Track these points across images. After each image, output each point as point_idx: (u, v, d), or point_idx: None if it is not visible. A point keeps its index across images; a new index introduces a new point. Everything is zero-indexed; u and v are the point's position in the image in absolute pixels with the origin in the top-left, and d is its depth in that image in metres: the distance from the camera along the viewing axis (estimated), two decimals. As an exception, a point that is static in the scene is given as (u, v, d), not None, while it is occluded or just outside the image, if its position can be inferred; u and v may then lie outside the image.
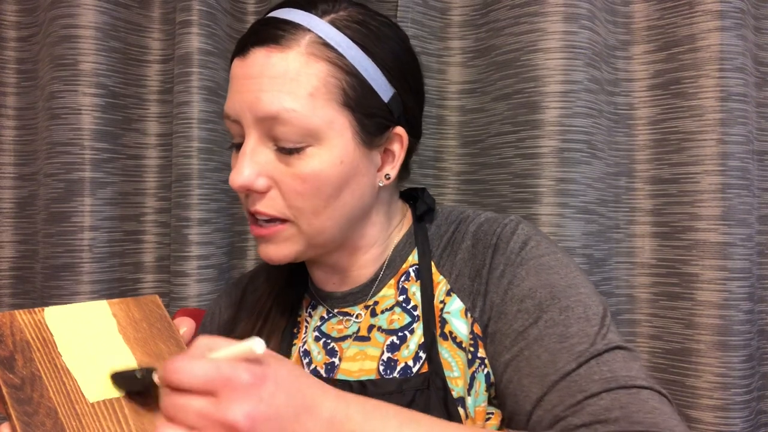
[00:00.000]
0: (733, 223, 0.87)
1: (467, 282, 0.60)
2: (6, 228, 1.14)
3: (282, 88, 0.54)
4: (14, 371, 0.45)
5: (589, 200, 0.90)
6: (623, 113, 0.96)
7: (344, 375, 0.60)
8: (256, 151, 0.56)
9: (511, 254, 0.58)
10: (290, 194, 0.56)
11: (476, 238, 0.61)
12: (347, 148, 0.56)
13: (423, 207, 0.66)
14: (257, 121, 0.55)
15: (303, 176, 0.55)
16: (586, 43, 0.89)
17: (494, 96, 0.95)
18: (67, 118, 1.01)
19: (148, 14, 1.10)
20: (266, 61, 0.55)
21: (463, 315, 0.59)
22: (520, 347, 0.53)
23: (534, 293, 0.55)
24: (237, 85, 0.57)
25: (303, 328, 0.66)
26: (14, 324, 0.48)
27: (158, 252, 1.10)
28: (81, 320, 0.50)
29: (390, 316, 0.62)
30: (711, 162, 0.88)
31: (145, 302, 0.54)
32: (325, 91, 0.55)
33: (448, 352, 0.58)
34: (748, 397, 0.87)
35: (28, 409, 0.43)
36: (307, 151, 0.55)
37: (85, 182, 1.01)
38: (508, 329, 0.55)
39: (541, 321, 0.53)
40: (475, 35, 1.00)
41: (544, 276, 0.56)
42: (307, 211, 0.56)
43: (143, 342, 0.51)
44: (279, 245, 0.58)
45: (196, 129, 0.98)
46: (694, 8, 0.90)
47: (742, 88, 0.88)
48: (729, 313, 0.86)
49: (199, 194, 0.98)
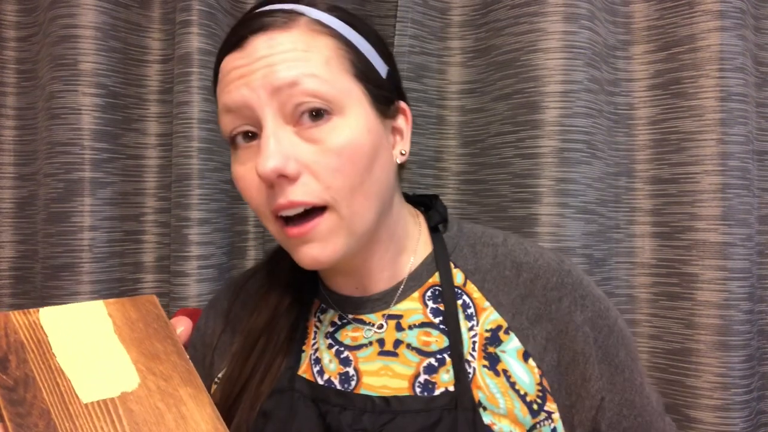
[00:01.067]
0: (733, 223, 0.87)
1: (525, 323, 0.58)
2: (6, 228, 1.14)
3: (297, 58, 0.51)
4: (7, 372, 0.45)
5: (589, 200, 0.90)
6: (623, 113, 0.96)
7: (367, 390, 0.57)
8: (278, 134, 0.51)
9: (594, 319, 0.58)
10: (326, 173, 0.51)
11: (534, 274, 0.59)
12: (369, 117, 0.54)
13: (437, 217, 0.64)
14: (273, 95, 0.50)
15: (337, 149, 0.51)
16: (586, 43, 0.89)
17: (494, 96, 0.95)
18: (67, 118, 1.01)
19: (148, 14, 1.10)
20: (271, 41, 0.51)
21: (521, 358, 0.57)
22: (633, 416, 0.58)
23: (627, 362, 0.59)
24: (238, 73, 0.52)
25: (312, 333, 0.63)
26: (9, 325, 0.48)
27: (158, 252, 1.10)
28: (76, 321, 0.50)
29: (423, 336, 0.58)
30: (711, 162, 0.88)
31: (142, 302, 0.54)
32: (338, 61, 0.53)
33: (498, 389, 0.55)
34: (748, 397, 0.87)
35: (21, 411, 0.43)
36: (333, 123, 0.51)
37: (85, 182, 1.01)
38: (620, 399, 0.58)
39: (637, 388, 0.59)
40: (475, 35, 1.00)
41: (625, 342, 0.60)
42: (345, 190, 0.52)
43: (139, 342, 0.50)
44: (323, 242, 0.53)
45: (196, 129, 0.98)
46: (694, 8, 0.90)
47: (742, 88, 0.88)
48: (729, 313, 0.86)
49: (199, 194, 0.98)
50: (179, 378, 0.49)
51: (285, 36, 0.52)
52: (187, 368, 0.51)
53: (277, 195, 0.52)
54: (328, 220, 0.53)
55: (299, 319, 0.63)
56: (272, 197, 0.52)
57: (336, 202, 0.52)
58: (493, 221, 0.95)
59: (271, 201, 0.52)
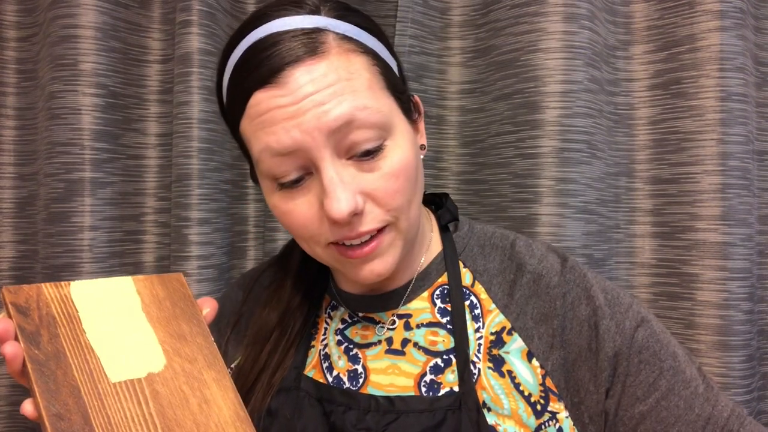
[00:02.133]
0: (733, 223, 0.87)
1: (529, 323, 0.57)
2: (6, 228, 1.14)
3: (343, 92, 0.49)
4: (39, 347, 0.45)
5: (589, 200, 0.90)
6: (623, 113, 0.96)
7: (374, 388, 0.57)
8: (340, 173, 0.50)
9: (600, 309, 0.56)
10: (387, 197, 0.52)
11: (538, 275, 0.59)
12: (407, 128, 0.55)
13: (447, 216, 0.64)
14: (329, 136, 0.49)
15: (395, 173, 0.52)
16: (586, 43, 0.89)
17: (494, 96, 0.95)
18: (67, 118, 1.01)
19: (148, 14, 1.10)
20: (311, 76, 0.49)
21: (525, 358, 0.56)
22: (656, 398, 0.54)
23: (646, 343, 0.55)
24: (283, 114, 0.49)
25: (322, 329, 0.63)
26: (41, 298, 0.48)
27: (158, 252, 1.10)
28: (106, 297, 0.50)
29: (430, 336, 0.58)
30: (711, 162, 0.88)
31: (170, 280, 0.54)
32: (375, 80, 0.52)
33: (502, 390, 0.55)
34: (748, 397, 0.87)
35: (51, 386, 0.43)
36: (386, 147, 0.52)
37: (85, 182, 1.01)
38: (634, 381, 0.55)
39: (665, 371, 0.55)
40: (475, 35, 1.00)
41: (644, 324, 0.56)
42: (405, 206, 0.53)
43: (166, 321, 0.50)
44: (384, 257, 0.54)
45: (196, 129, 0.98)
46: (694, 8, 0.90)
47: (742, 88, 0.88)
48: (729, 313, 0.86)
49: (199, 194, 0.98)
50: (204, 361, 0.49)
51: (323, 66, 0.50)
52: (212, 351, 0.50)
53: (342, 228, 0.52)
54: (389, 236, 0.54)
55: (310, 315, 0.64)
56: (336, 230, 0.52)
57: (396, 219, 0.54)
58: (493, 221, 0.95)
59: (335, 233, 0.52)
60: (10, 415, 1.12)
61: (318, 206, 0.52)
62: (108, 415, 0.43)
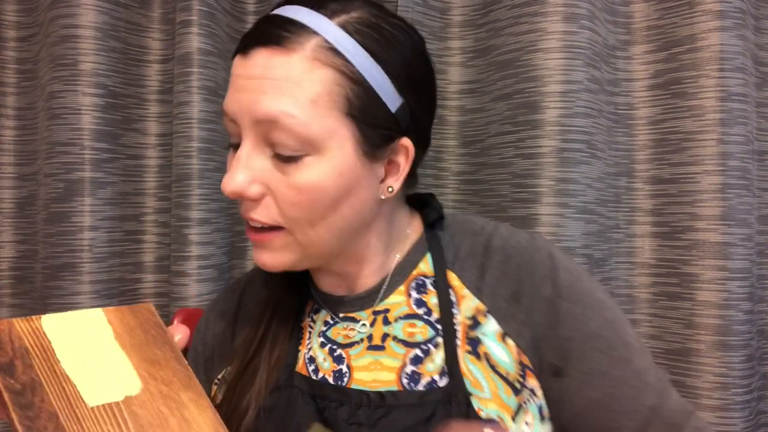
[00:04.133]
0: (733, 223, 0.87)
1: (503, 304, 0.58)
2: (6, 228, 1.14)
3: (283, 91, 0.52)
4: (15, 377, 0.45)
5: (589, 200, 0.90)
6: (623, 113, 0.96)
7: (358, 385, 0.58)
8: (251, 156, 0.54)
9: (561, 290, 0.57)
10: (284, 204, 0.54)
11: (506, 255, 0.60)
12: (348, 160, 0.54)
13: (433, 214, 0.64)
14: (255, 123, 0.53)
15: (299, 187, 0.53)
16: (586, 43, 0.89)
17: (494, 96, 0.95)
18: (67, 118, 1.01)
19: (148, 14, 1.10)
20: (268, 62, 0.52)
21: (500, 339, 0.57)
22: (601, 385, 0.55)
23: (600, 332, 0.57)
24: (237, 83, 0.54)
25: (306, 334, 0.64)
26: (13, 331, 0.49)
27: (158, 252, 1.10)
28: (78, 327, 0.51)
29: (408, 327, 0.60)
30: (711, 162, 0.88)
31: (139, 310, 0.55)
32: (329, 99, 0.52)
33: (481, 373, 0.56)
34: (748, 397, 0.87)
35: (29, 414, 0.43)
36: (305, 161, 0.53)
37: (85, 182, 1.01)
38: (583, 368, 0.56)
39: (615, 360, 0.56)
40: (475, 35, 1.00)
41: (602, 312, 0.58)
42: (302, 222, 0.54)
43: (139, 348, 0.51)
44: (274, 252, 0.57)
45: (196, 129, 0.98)
46: (694, 8, 0.90)
47: (742, 88, 0.88)
48: (729, 313, 0.86)
49: (199, 194, 0.98)
50: (179, 383, 0.50)
51: (282, 60, 0.52)
52: (187, 373, 0.51)
53: (243, 207, 0.56)
54: (283, 238, 0.56)
55: (296, 319, 0.65)
56: (241, 205, 0.57)
57: (292, 228, 0.55)
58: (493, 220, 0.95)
59: (241, 207, 0.57)
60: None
61: None
62: None
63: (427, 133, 0.62)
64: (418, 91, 0.57)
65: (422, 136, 0.61)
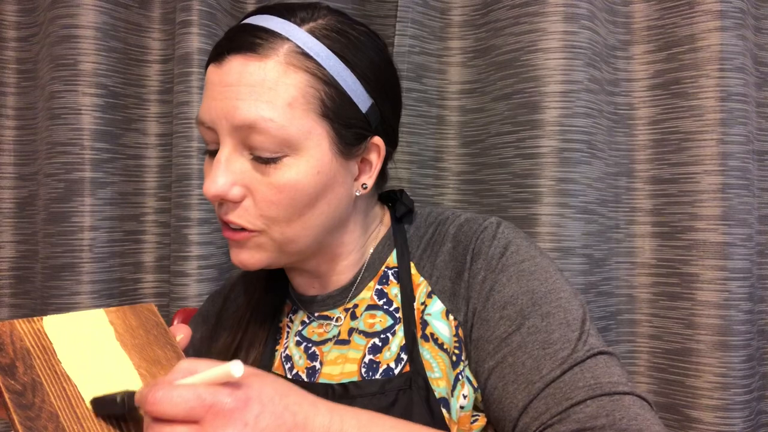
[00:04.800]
0: (733, 223, 0.87)
1: (448, 284, 0.60)
2: (6, 228, 1.14)
3: (260, 97, 0.53)
4: (15, 377, 0.45)
5: (589, 200, 0.90)
6: (623, 113, 0.96)
7: (326, 379, 0.60)
8: (231, 159, 0.55)
9: (492, 260, 0.58)
10: (264, 203, 0.55)
11: (456, 239, 0.61)
12: (324, 159, 0.56)
13: (402, 209, 0.66)
14: (233, 130, 0.54)
15: (279, 186, 0.55)
16: (586, 43, 0.89)
17: (494, 96, 0.95)
18: (67, 118, 1.01)
19: (148, 14, 1.10)
20: (243, 69, 0.54)
21: (444, 317, 0.59)
22: (503, 354, 0.54)
23: (515, 300, 0.56)
24: (213, 91, 0.56)
25: (285, 334, 0.66)
26: (14, 333, 0.49)
27: (158, 252, 1.10)
28: (79, 328, 0.51)
29: (369, 319, 0.62)
30: (711, 162, 0.88)
31: (141, 310, 0.55)
32: (304, 101, 0.54)
33: (430, 354, 0.58)
34: (748, 397, 0.87)
35: (30, 414, 0.44)
36: (283, 161, 0.55)
37: (85, 182, 1.01)
38: (490, 336, 0.56)
39: (524, 328, 0.54)
40: (475, 35, 1.00)
41: (524, 282, 0.57)
42: (280, 221, 0.56)
43: (140, 348, 0.51)
44: (251, 251, 0.58)
45: (196, 129, 0.98)
46: (694, 8, 0.90)
47: (742, 88, 0.88)
48: (729, 313, 0.86)
49: (199, 194, 0.98)
50: None
51: (257, 66, 0.54)
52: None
53: (222, 209, 0.57)
54: (258, 239, 0.57)
55: (273, 321, 0.67)
56: (220, 208, 0.58)
57: (268, 228, 0.57)
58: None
59: (219, 210, 0.58)
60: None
61: None
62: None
63: (396, 132, 0.65)
64: (385, 92, 0.60)
65: (391, 134, 0.63)
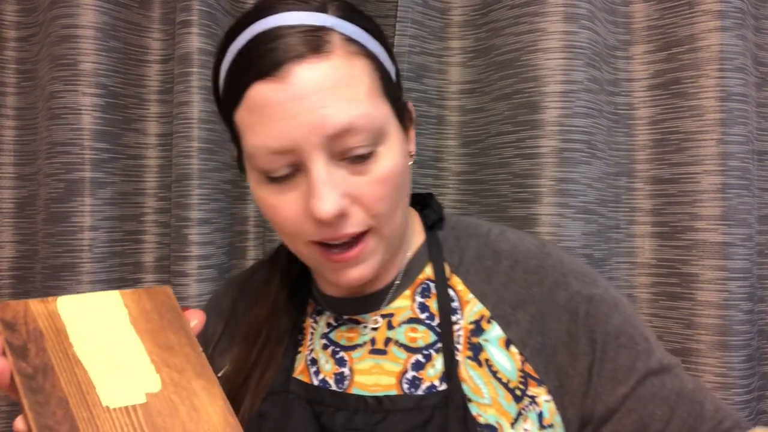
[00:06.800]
0: (733, 223, 0.87)
1: (507, 310, 0.58)
2: (6, 228, 1.14)
3: (342, 97, 0.49)
4: (27, 360, 0.45)
5: (589, 200, 0.90)
6: (623, 113, 0.96)
7: (359, 389, 0.58)
8: (328, 172, 0.50)
9: (578, 294, 0.57)
10: (372, 202, 0.52)
11: (514, 260, 0.59)
12: (400, 136, 0.55)
13: (433, 216, 0.64)
14: (326, 141, 0.49)
15: (382, 179, 0.52)
16: (586, 43, 0.89)
17: (494, 96, 0.95)
18: (67, 118, 1.01)
19: (148, 14, 1.10)
20: (314, 74, 0.49)
21: (503, 346, 0.57)
22: (635, 379, 0.55)
23: (622, 328, 0.56)
24: (282, 110, 0.49)
25: (308, 335, 0.63)
26: (28, 313, 0.49)
27: (158, 252, 1.10)
28: (93, 310, 0.51)
29: (410, 332, 0.59)
30: (711, 162, 0.88)
31: (157, 293, 0.54)
32: (373, 86, 0.52)
33: (481, 379, 0.56)
34: (748, 397, 0.87)
35: (40, 399, 0.43)
36: (378, 153, 0.52)
37: (85, 182, 1.01)
38: (611, 366, 0.55)
39: (641, 353, 0.56)
40: (475, 35, 1.00)
41: (620, 309, 0.57)
42: (388, 213, 0.54)
43: (154, 333, 0.51)
44: (366, 262, 0.55)
45: (196, 129, 0.98)
46: (694, 8, 0.90)
47: (742, 88, 0.88)
48: (729, 313, 0.86)
49: (199, 194, 0.98)
50: (192, 370, 0.50)
51: (326, 66, 0.49)
52: (200, 360, 0.51)
53: (326, 229, 0.52)
54: (372, 241, 0.54)
55: (297, 319, 0.64)
56: (320, 229, 0.52)
57: (379, 224, 0.54)
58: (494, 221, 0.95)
59: (319, 233, 0.52)
60: (10, 415, 1.12)
61: (304, 203, 0.52)
62: (97, 425, 0.43)
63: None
64: (393, 56, 0.59)
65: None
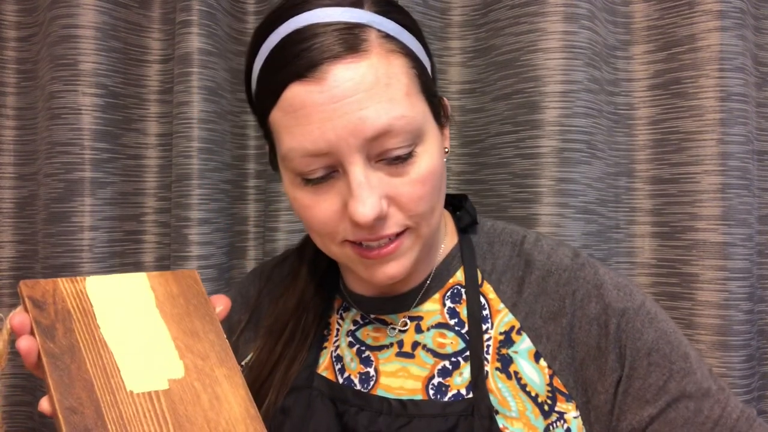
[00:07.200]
0: (733, 223, 0.87)
1: (538, 322, 0.56)
2: (6, 228, 1.14)
3: (381, 98, 0.48)
4: (55, 340, 0.46)
5: (589, 200, 0.90)
6: (623, 113, 0.96)
7: (384, 391, 0.57)
8: (367, 174, 0.49)
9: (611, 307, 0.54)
10: (412, 203, 0.51)
11: (547, 271, 0.57)
12: (437, 134, 0.54)
13: (467, 218, 0.62)
14: (364, 143, 0.48)
15: (421, 179, 0.51)
16: (586, 43, 0.89)
17: (494, 96, 0.95)
18: (67, 118, 1.01)
19: (148, 14, 1.10)
20: (352, 75, 0.48)
21: (533, 359, 0.55)
22: (666, 401, 0.52)
23: (656, 345, 0.53)
24: (320, 113, 0.48)
25: (334, 331, 0.62)
26: (57, 292, 0.49)
27: (158, 252, 1.10)
28: (120, 292, 0.51)
29: (438, 337, 0.58)
30: (711, 162, 0.88)
31: (184, 276, 0.54)
32: (411, 84, 0.51)
33: (509, 392, 0.54)
34: (748, 397, 0.87)
35: (65, 380, 0.44)
36: (416, 153, 0.51)
37: (85, 182, 1.01)
38: (641, 384, 0.52)
39: (675, 373, 0.52)
40: (475, 35, 1.00)
41: (655, 325, 0.54)
42: (426, 213, 0.53)
43: (179, 318, 0.51)
44: (400, 260, 0.53)
45: (196, 129, 0.98)
46: (694, 8, 0.90)
47: (742, 88, 0.88)
48: (729, 313, 0.86)
49: (199, 194, 0.98)
50: (216, 358, 0.50)
51: (364, 66, 0.48)
52: (224, 348, 0.51)
53: (363, 230, 0.51)
54: (408, 240, 0.53)
55: (323, 315, 0.63)
56: (357, 231, 0.51)
57: (418, 224, 0.53)
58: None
59: (355, 234, 0.52)
60: (10, 415, 1.12)
61: (340, 205, 0.51)
62: (120, 410, 0.44)
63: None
64: (429, 50, 0.57)
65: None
